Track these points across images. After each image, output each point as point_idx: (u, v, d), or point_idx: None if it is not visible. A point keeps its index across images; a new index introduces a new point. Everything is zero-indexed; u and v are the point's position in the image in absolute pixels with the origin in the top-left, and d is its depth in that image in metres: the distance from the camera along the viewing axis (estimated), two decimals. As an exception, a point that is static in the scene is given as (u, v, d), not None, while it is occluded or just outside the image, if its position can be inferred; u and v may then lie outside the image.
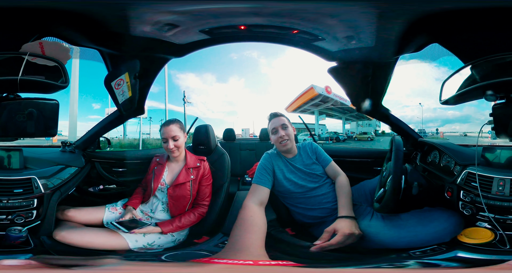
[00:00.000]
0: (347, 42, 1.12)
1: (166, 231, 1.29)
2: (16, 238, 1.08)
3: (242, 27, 1.07)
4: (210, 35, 1.12)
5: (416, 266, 0.94)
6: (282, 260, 0.83)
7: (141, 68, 1.29)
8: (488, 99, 0.90)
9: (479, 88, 0.91)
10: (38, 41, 0.92)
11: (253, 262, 0.80)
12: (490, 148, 1.18)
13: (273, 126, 1.38)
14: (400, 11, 0.89)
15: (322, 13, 0.96)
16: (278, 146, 1.37)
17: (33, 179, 1.15)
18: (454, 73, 1.02)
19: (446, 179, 1.25)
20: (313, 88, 14.02)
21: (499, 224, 1.02)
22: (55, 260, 1.08)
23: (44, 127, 0.93)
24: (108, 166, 1.73)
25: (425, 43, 1.09)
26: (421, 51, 1.14)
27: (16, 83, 0.87)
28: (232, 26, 1.07)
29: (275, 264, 0.81)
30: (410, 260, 0.99)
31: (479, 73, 0.92)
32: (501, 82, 0.87)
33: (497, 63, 0.88)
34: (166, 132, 1.36)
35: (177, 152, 1.39)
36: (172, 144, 1.35)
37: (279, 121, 1.37)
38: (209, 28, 1.06)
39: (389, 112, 1.65)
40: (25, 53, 0.88)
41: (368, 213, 1.28)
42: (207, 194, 1.42)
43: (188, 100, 11.22)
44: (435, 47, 1.12)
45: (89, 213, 1.38)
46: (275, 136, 1.36)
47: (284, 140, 1.34)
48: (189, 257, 1.24)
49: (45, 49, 0.92)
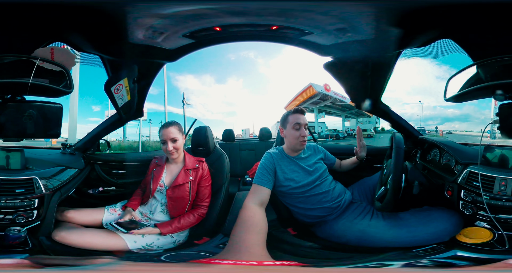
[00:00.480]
0: (342, 35, 1.09)
1: (165, 232, 1.30)
2: (15, 238, 1.09)
3: (217, 29, 1.07)
4: (194, 39, 1.14)
5: (425, 265, 0.94)
6: (286, 260, 0.83)
7: (139, 73, 1.33)
8: (497, 99, 0.91)
9: (488, 87, 0.92)
10: (49, 47, 0.96)
11: (257, 262, 0.80)
12: (490, 147, 1.17)
13: (297, 121, 1.31)
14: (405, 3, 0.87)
15: (305, 9, 0.95)
16: (296, 143, 1.32)
17: (34, 180, 1.16)
18: (460, 71, 1.01)
19: (447, 178, 1.24)
20: (312, 86, 13.96)
21: (500, 224, 1.02)
22: (49, 260, 1.08)
23: (48, 129, 0.96)
24: (108, 168, 1.73)
25: (434, 38, 1.06)
26: (428, 47, 1.11)
27: (23, 85, 0.89)
28: (208, 28, 1.07)
29: (279, 264, 0.81)
30: (412, 259, 0.99)
31: (489, 72, 0.91)
32: (510, 82, 0.88)
33: (508, 64, 0.88)
34: (165, 134, 1.36)
35: (176, 154, 1.39)
36: (171, 146, 1.36)
37: (304, 119, 1.32)
38: (189, 32, 1.08)
39: (389, 109, 1.63)
40: (36, 58, 0.91)
41: (368, 212, 1.28)
42: (206, 195, 1.42)
43: (187, 102, 11.19)
44: (444, 43, 1.09)
45: (88, 214, 1.38)
46: (297, 133, 1.30)
47: (305, 140, 1.32)
48: (189, 258, 1.24)
49: (55, 54, 0.95)
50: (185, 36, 1.10)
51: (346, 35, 1.08)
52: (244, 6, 0.93)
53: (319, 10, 0.94)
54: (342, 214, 1.31)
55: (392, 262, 0.98)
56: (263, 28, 1.09)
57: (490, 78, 0.91)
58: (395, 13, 0.92)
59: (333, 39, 1.13)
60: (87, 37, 1.06)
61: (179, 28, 1.05)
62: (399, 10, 0.90)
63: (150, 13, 0.93)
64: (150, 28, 1.01)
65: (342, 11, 0.95)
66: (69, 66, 0.98)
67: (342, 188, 1.41)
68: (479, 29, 0.97)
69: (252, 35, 1.15)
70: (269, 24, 1.06)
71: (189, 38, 1.13)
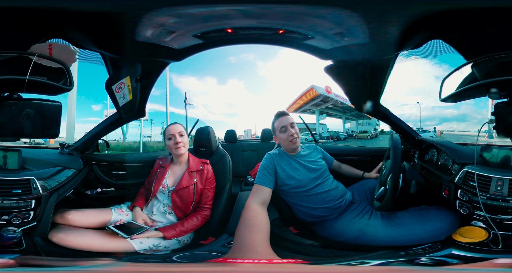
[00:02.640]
0: (340, 39, 1.12)
1: (169, 236, 1.27)
2: (10, 238, 1.07)
3: (229, 30, 1.09)
4: (203, 39, 1.15)
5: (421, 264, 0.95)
6: (291, 259, 0.84)
7: (142, 72, 1.31)
8: (492, 97, 0.91)
9: (482, 85, 0.92)
10: (47, 43, 0.92)
11: (267, 260, 0.80)
12: (487, 147, 1.19)
13: (282, 125, 1.37)
14: (398, 10, 0.89)
15: (307, 13, 0.97)
16: (288, 144, 1.37)
17: (31, 180, 1.13)
18: (455, 70, 1.02)
19: (444, 177, 1.26)
20: (314, 88, 14.06)
21: (495, 224, 1.03)
22: (38, 261, 1.06)
23: (46, 128, 0.93)
24: (107, 168, 1.71)
25: (426, 39, 1.09)
26: (421, 48, 1.13)
27: (20, 83, 0.86)
28: (220, 30, 1.09)
29: (287, 262, 0.82)
30: (409, 257, 1.00)
31: (483, 70, 0.92)
32: (505, 80, 0.88)
33: (501, 61, 0.88)
34: (172, 129, 1.37)
35: (183, 149, 1.38)
36: (179, 139, 1.36)
37: (287, 120, 1.38)
38: (200, 32, 1.09)
39: (388, 111, 1.66)
40: (33, 54, 0.88)
41: (367, 212, 1.30)
42: (209, 197, 1.42)
43: (189, 102, 11.15)
44: (436, 44, 1.11)
45: (94, 216, 1.33)
46: (284, 134, 1.36)
47: (294, 138, 1.35)
48: (200, 258, 1.23)
49: (53, 51, 0.92)
50: (195, 37, 1.11)
51: (344, 39, 1.12)
52: (256, 8, 0.94)
53: (324, 15, 0.97)
54: (342, 214, 1.32)
55: (388, 260, 0.99)
56: (271, 32, 1.11)
57: (484, 77, 0.91)
58: (389, 17, 0.94)
59: (333, 43, 1.16)
60: (88, 33, 1.03)
61: (191, 28, 1.05)
62: (393, 14, 0.92)
63: (166, 12, 0.93)
64: (161, 27, 1.00)
65: (340, 17, 0.97)
66: (69, 62, 0.95)
67: (343, 188, 1.43)
68: (466, 28, 0.99)
69: (260, 38, 1.17)
70: (276, 28, 1.08)
71: (198, 39, 1.13)
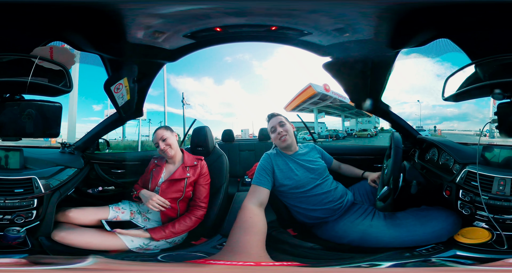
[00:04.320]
0: (340, 35, 1.09)
1: (157, 238, 1.27)
2: (14, 238, 1.08)
3: (217, 29, 1.09)
4: (194, 39, 1.15)
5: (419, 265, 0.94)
6: (287, 261, 0.83)
7: (139, 73, 1.34)
8: (495, 98, 0.91)
9: (486, 86, 0.92)
10: (48, 46, 0.96)
11: (255, 263, 0.79)
12: (489, 147, 1.17)
13: (271, 126, 1.43)
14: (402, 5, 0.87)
15: (303, 9, 0.96)
16: (278, 143, 1.40)
17: (33, 179, 1.15)
18: (458, 70, 1.01)
19: (445, 177, 1.24)
20: (311, 87, 13.96)
21: (498, 224, 1.02)
22: (48, 259, 1.07)
23: (47, 128, 0.95)
24: (107, 167, 1.73)
25: (432, 37, 1.07)
26: (426, 46, 1.12)
27: (22, 84, 0.89)
28: (209, 29, 1.08)
29: (279, 264, 0.81)
30: (413, 258, 0.99)
31: (487, 71, 0.91)
32: (508, 81, 0.88)
33: (506, 63, 0.88)
34: (155, 137, 1.43)
35: (170, 151, 1.41)
36: (162, 145, 1.40)
37: (276, 120, 1.42)
38: (190, 32, 1.09)
39: (389, 109, 1.63)
40: (35, 56, 0.91)
41: (370, 213, 1.28)
42: (204, 194, 1.41)
43: (187, 102, 11.21)
44: (441, 43, 1.10)
45: (93, 213, 1.36)
46: (274, 134, 1.40)
47: (283, 136, 1.37)
48: (185, 258, 1.23)
49: (54, 53, 0.95)
50: (186, 37, 1.11)
51: (345, 35, 1.09)
52: (244, 6, 0.94)
53: (318, 10, 0.95)
54: (344, 215, 1.30)
55: (401, 261, 0.98)
56: (263, 29, 1.10)
57: (488, 77, 0.91)
58: (393, 12, 0.92)
59: (332, 39, 1.14)
60: (87, 36, 1.06)
61: (180, 28, 1.05)
62: (397, 10, 0.90)
63: (150, 13, 0.94)
64: (151, 28, 1.02)
65: (340, 11, 0.96)
66: (68, 65, 0.98)
67: (343, 189, 1.41)
68: (475, 28, 0.98)
69: (252, 36, 1.16)
70: (268, 25, 1.07)
71: (189, 39, 1.14)
